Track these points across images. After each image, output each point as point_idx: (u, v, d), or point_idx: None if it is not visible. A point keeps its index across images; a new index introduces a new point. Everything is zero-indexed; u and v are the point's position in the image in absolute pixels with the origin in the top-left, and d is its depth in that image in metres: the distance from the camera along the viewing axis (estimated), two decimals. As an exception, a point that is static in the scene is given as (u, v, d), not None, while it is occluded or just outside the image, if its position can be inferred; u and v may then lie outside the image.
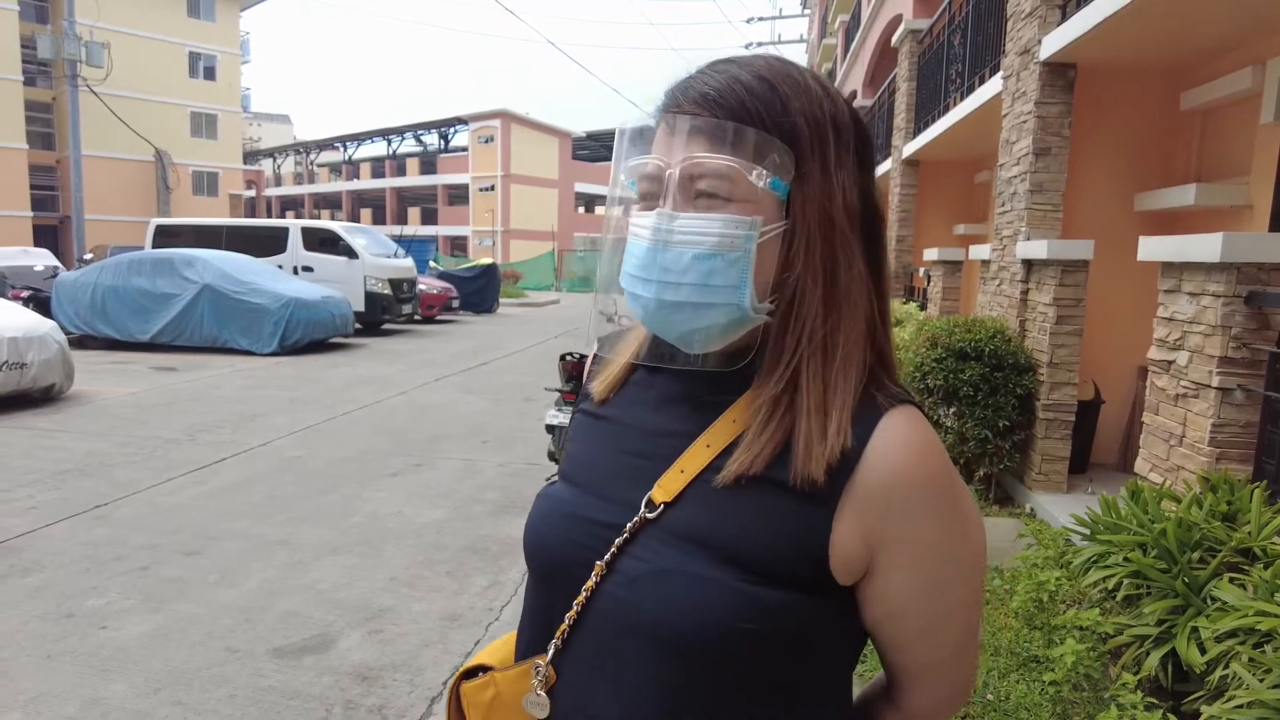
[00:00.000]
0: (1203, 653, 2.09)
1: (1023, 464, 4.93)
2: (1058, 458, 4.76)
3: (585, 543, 0.75)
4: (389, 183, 47.08)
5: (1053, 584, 3.10)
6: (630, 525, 0.73)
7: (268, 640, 3.19)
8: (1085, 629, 2.72)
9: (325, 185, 51.63)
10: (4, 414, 7.11)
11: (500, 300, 21.64)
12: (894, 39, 10.96)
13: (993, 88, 6.13)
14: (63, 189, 30.20)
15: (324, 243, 14.69)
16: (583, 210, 46.85)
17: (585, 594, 0.73)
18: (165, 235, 15.17)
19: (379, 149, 49.40)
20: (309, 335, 11.76)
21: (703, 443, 0.74)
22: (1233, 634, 2.04)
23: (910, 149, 9.92)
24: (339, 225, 15.16)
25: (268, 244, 14.57)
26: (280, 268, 13.79)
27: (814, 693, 0.73)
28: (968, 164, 9.99)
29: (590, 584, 0.73)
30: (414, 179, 46.32)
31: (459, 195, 44.53)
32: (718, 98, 0.70)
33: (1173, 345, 3.19)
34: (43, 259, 16.34)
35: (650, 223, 0.71)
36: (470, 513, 4.80)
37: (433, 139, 46.67)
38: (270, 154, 54.74)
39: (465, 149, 44.08)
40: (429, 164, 46.20)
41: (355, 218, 46.15)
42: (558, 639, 0.75)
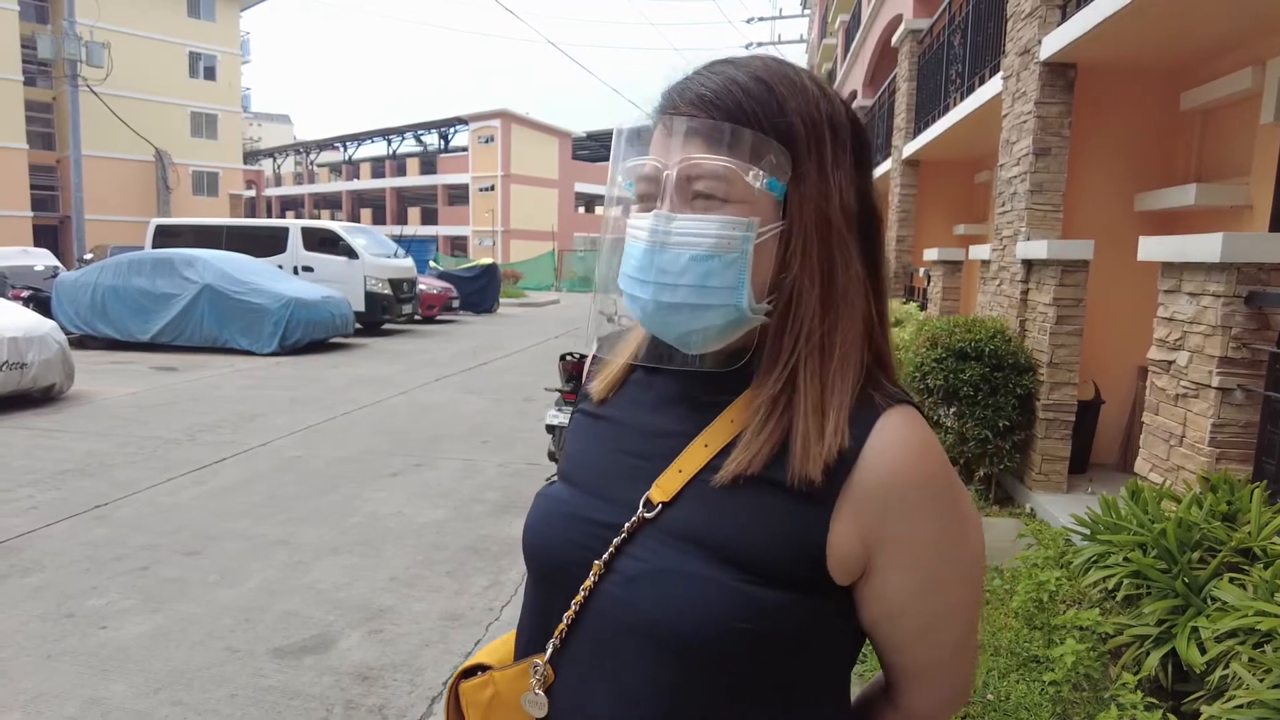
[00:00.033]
0: (1203, 653, 2.09)
1: (1023, 464, 4.93)
2: (1058, 458, 4.76)
3: (584, 542, 0.75)
4: (389, 183, 47.09)
5: (1053, 584, 3.10)
6: (628, 525, 0.73)
7: (268, 640, 3.19)
8: (1085, 629, 2.72)
9: (325, 185, 51.64)
10: (4, 414, 7.11)
11: (500, 300, 21.65)
12: (894, 39, 10.96)
13: (993, 88, 6.14)
14: (63, 189, 30.22)
15: (324, 243, 14.70)
16: (583, 210, 46.84)
17: (583, 593, 0.73)
18: (165, 235, 15.17)
19: (379, 149, 49.42)
20: (309, 335, 11.77)
21: (701, 442, 0.74)
22: (1233, 634, 2.04)
23: (910, 149, 9.92)
24: (339, 225, 15.17)
25: (268, 244, 14.58)
26: (280, 268, 13.79)
27: (811, 693, 0.74)
28: (968, 164, 9.99)
29: (588, 583, 0.73)
30: (414, 179, 46.32)
31: (459, 195, 44.53)
32: (714, 99, 0.70)
33: (1173, 345, 3.19)
34: (43, 259, 16.35)
35: (648, 224, 0.71)
36: (470, 513, 4.80)
37: (433, 139, 46.69)
38: (270, 154, 54.75)
39: (465, 149, 44.08)
40: (429, 164, 46.21)
41: (355, 218, 46.15)
42: (556, 638, 0.75)
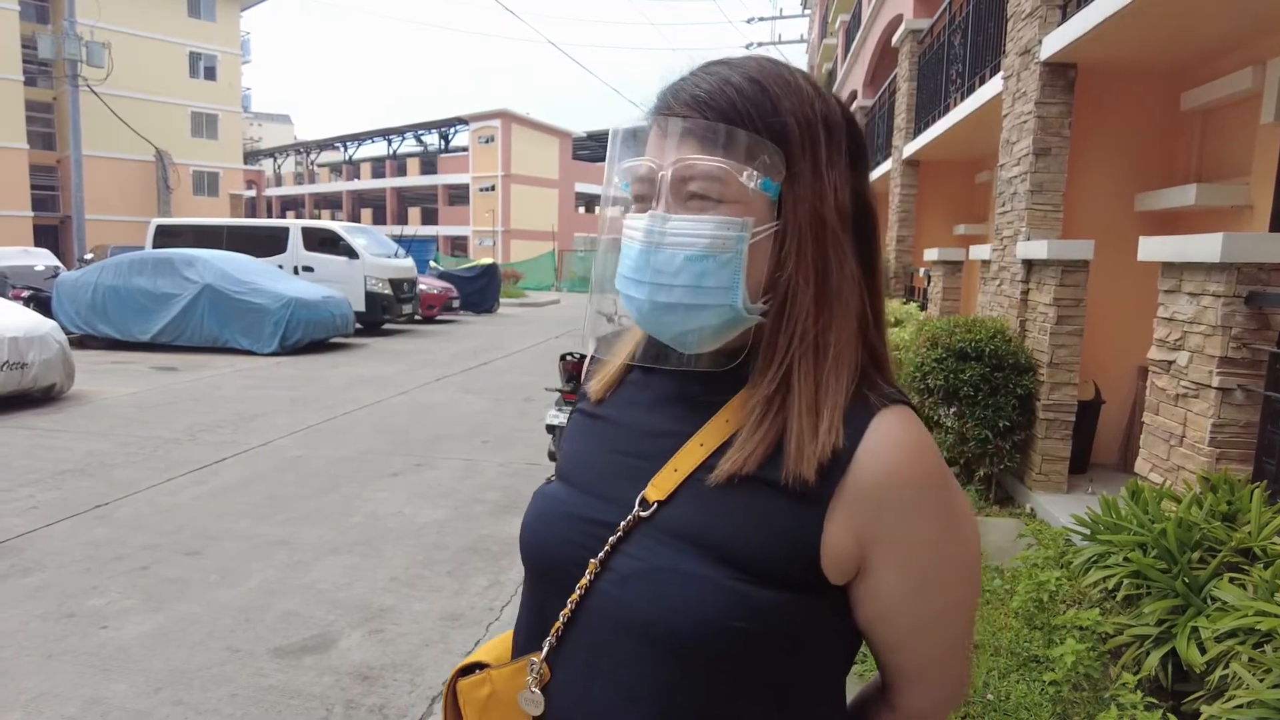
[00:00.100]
0: (1203, 653, 2.09)
1: (1023, 464, 4.93)
2: (1058, 458, 4.76)
3: (580, 541, 0.75)
4: (389, 183, 47.09)
5: (1053, 584, 3.10)
6: (624, 524, 0.73)
7: (268, 640, 3.19)
8: (1085, 629, 2.72)
9: (326, 185, 51.63)
10: (4, 414, 7.12)
11: (500, 300, 21.66)
12: (894, 39, 10.96)
13: (993, 88, 6.14)
14: (63, 189, 30.24)
15: (324, 243, 14.70)
16: (583, 210, 46.82)
17: (579, 592, 0.74)
18: (166, 235, 15.17)
19: (379, 149, 49.42)
20: (309, 335, 11.77)
21: (696, 442, 0.74)
22: (1233, 634, 2.04)
23: (911, 149, 9.92)
24: (339, 225, 15.17)
25: (268, 244, 14.58)
26: (281, 268, 13.80)
27: (807, 692, 0.74)
28: (968, 164, 9.99)
29: (584, 582, 0.73)
30: (414, 179, 46.32)
31: (459, 195, 44.52)
32: (708, 99, 0.70)
33: (1173, 345, 3.19)
34: (43, 259, 16.38)
35: (643, 225, 0.72)
36: (471, 513, 4.81)
37: (433, 139, 46.69)
38: (271, 154, 54.75)
39: (465, 149, 44.07)
40: (429, 164, 46.21)
41: (356, 218, 46.15)
42: (552, 636, 0.75)
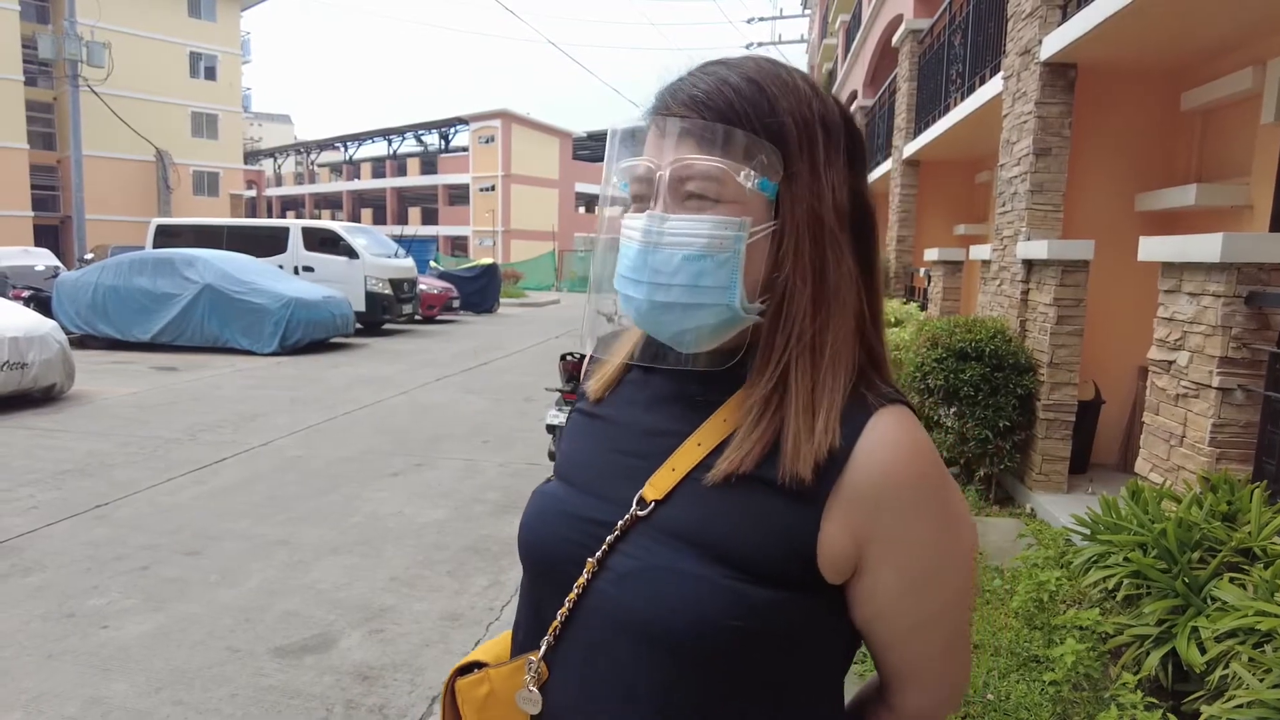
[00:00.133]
0: (1203, 653, 2.09)
1: (1023, 464, 4.93)
2: (1058, 458, 4.76)
3: (578, 540, 0.75)
4: (389, 183, 47.09)
5: (1053, 584, 3.10)
6: (622, 523, 0.73)
7: (268, 640, 3.19)
8: (1085, 629, 2.72)
9: (326, 185, 51.64)
10: (5, 414, 7.12)
11: (501, 300, 21.66)
12: (894, 39, 10.96)
13: (993, 88, 6.14)
14: (63, 189, 30.25)
15: (324, 243, 14.70)
16: (583, 210, 46.81)
17: (577, 591, 0.74)
18: (166, 235, 15.17)
19: (379, 149, 49.42)
20: (310, 335, 11.77)
21: (694, 441, 0.74)
22: (1233, 634, 2.04)
23: (911, 149, 9.92)
24: (339, 225, 15.16)
25: (268, 244, 14.58)
26: (281, 268, 13.79)
27: (803, 692, 0.74)
28: (968, 164, 9.99)
29: (582, 581, 0.74)
30: (415, 179, 46.32)
31: (459, 195, 44.52)
32: (706, 99, 0.71)
33: (1173, 345, 3.19)
34: (43, 259, 16.40)
35: (641, 225, 0.72)
36: (471, 513, 4.81)
37: (433, 139, 46.69)
38: (271, 154, 54.76)
39: (466, 149, 44.07)
40: (429, 164, 46.20)
41: (356, 218, 46.16)
42: (550, 635, 0.76)
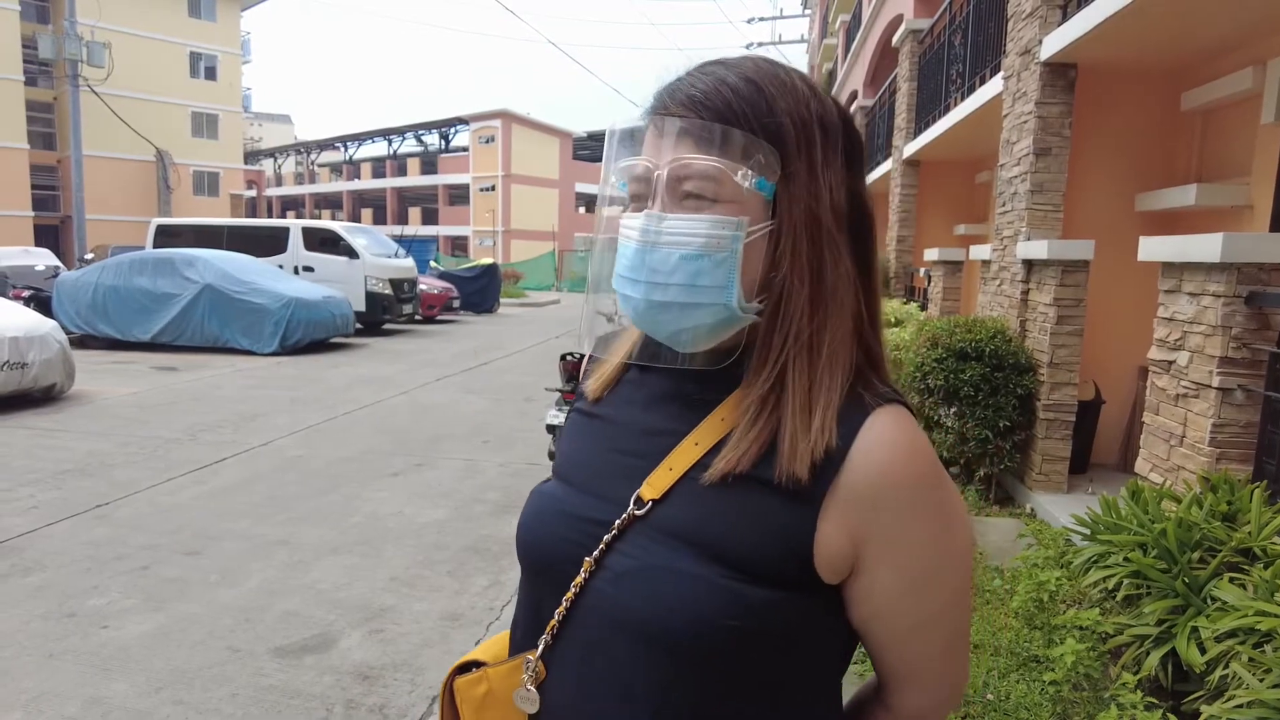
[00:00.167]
0: (1203, 653, 2.09)
1: (1023, 464, 4.93)
2: (1058, 458, 4.76)
3: (576, 539, 0.75)
4: (390, 183, 47.08)
5: (1053, 584, 3.10)
6: (619, 522, 0.73)
7: (268, 640, 3.19)
8: (1085, 629, 2.72)
9: (326, 185, 51.63)
10: (5, 414, 7.12)
11: (501, 300, 21.66)
12: (895, 39, 10.96)
13: (993, 88, 6.14)
14: (64, 189, 30.25)
15: (325, 243, 14.70)
16: (583, 210, 46.79)
17: (574, 590, 0.74)
18: (166, 235, 15.18)
19: (380, 149, 49.41)
20: (310, 335, 11.77)
21: (691, 440, 0.75)
22: (1233, 634, 2.04)
23: (911, 149, 9.92)
24: (340, 225, 15.16)
25: (268, 244, 14.58)
26: (281, 268, 13.80)
27: (800, 691, 0.74)
28: (968, 164, 9.99)
29: (579, 580, 0.74)
30: (415, 179, 46.31)
31: (460, 195, 44.51)
32: (704, 99, 0.71)
33: (1173, 345, 3.19)
34: (44, 259, 16.40)
35: (639, 224, 0.72)
36: (471, 513, 4.81)
37: (433, 139, 46.68)
38: (271, 154, 54.75)
39: (466, 149, 44.06)
40: (430, 164, 46.19)
41: (356, 218, 46.15)
42: (547, 635, 0.76)
